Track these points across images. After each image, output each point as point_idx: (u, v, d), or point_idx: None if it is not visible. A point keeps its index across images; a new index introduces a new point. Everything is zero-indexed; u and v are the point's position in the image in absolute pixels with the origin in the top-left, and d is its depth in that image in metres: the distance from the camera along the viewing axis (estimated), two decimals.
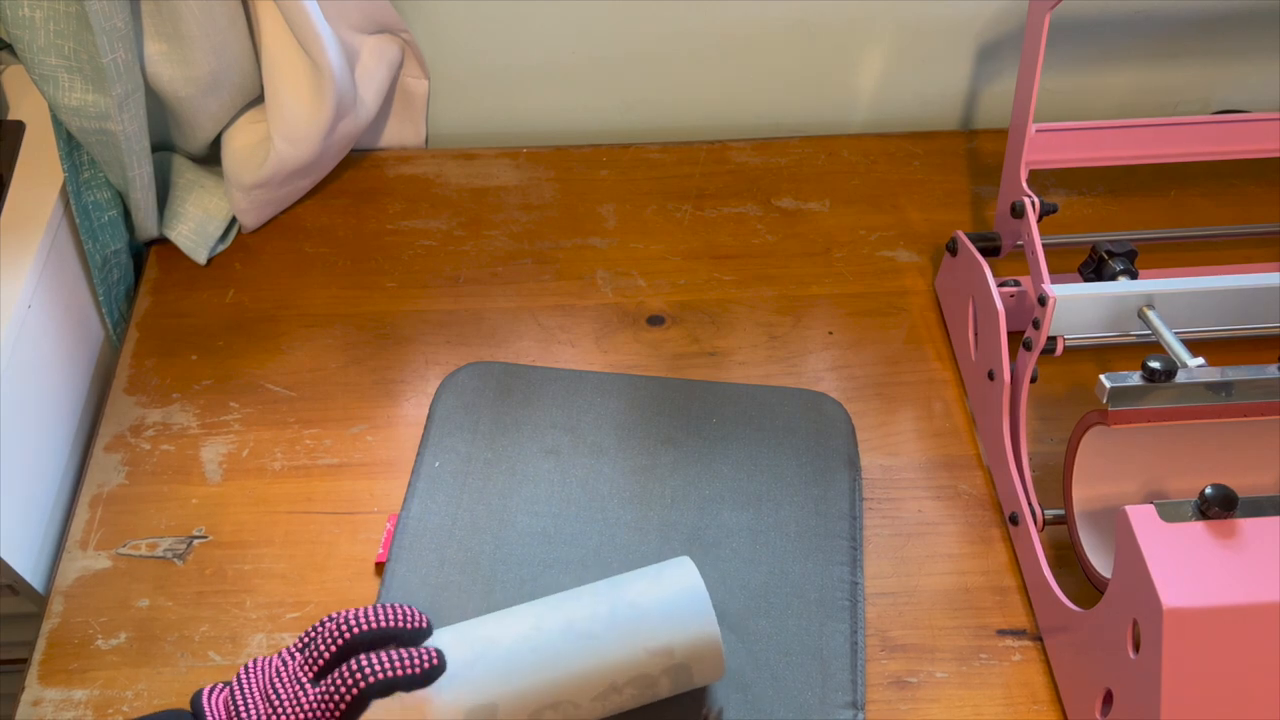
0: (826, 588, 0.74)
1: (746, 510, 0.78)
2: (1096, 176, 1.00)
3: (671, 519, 0.77)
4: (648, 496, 0.78)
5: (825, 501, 0.78)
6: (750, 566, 0.75)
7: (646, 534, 0.76)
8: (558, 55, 1.00)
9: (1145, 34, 1.01)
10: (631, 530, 0.76)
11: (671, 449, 0.81)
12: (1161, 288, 0.75)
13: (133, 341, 0.89)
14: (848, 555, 0.76)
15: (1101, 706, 0.65)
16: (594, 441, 0.81)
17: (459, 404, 0.83)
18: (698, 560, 0.74)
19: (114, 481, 0.81)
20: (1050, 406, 0.85)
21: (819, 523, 0.77)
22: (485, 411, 0.82)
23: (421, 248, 0.95)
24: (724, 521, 0.77)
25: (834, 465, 0.80)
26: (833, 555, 0.75)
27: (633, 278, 0.93)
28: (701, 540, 0.76)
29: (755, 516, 0.77)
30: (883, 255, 0.95)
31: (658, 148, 1.03)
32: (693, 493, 0.79)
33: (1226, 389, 0.68)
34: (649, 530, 0.76)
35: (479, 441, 0.81)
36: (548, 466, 0.80)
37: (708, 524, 0.77)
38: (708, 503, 0.78)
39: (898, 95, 1.05)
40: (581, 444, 0.81)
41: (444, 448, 0.80)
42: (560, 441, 0.81)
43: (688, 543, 0.76)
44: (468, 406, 0.83)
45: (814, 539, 0.76)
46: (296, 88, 0.87)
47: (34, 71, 0.78)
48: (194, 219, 0.93)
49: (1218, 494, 0.61)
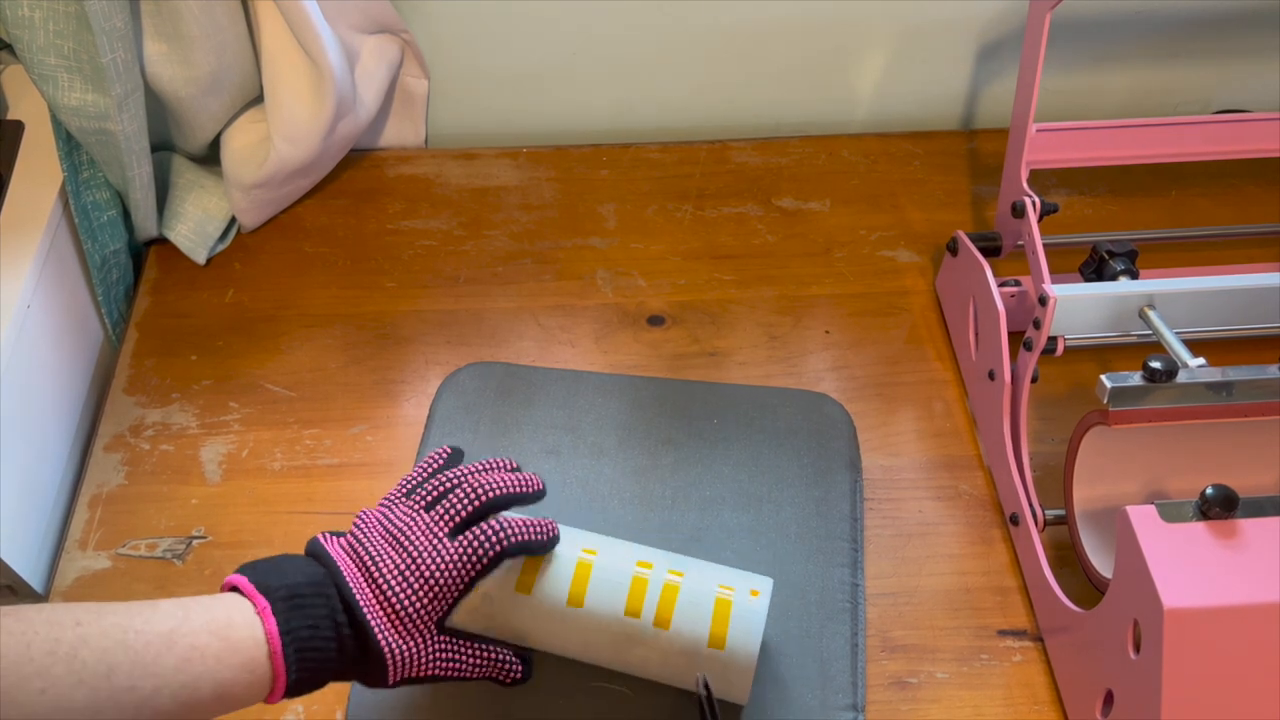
0: (827, 589, 0.74)
1: (747, 511, 0.77)
2: (1097, 176, 1.00)
3: (672, 520, 0.77)
4: (648, 497, 0.78)
5: (826, 503, 0.78)
6: (751, 568, 0.74)
7: (647, 535, 0.76)
8: (557, 55, 1.00)
9: (1145, 34, 1.01)
10: (632, 531, 0.76)
11: (672, 450, 0.81)
12: (1162, 288, 0.75)
13: (132, 341, 0.89)
14: (849, 557, 0.75)
15: (1102, 707, 0.65)
16: (594, 442, 0.81)
17: (460, 404, 0.83)
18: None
19: (113, 482, 0.81)
20: (1051, 406, 0.85)
21: (820, 524, 0.77)
22: (486, 411, 0.82)
23: (421, 248, 0.95)
24: (724, 522, 0.77)
25: (835, 467, 0.80)
26: (833, 557, 0.75)
27: (633, 278, 0.93)
28: (702, 541, 0.76)
29: (756, 518, 0.77)
30: (883, 255, 0.95)
31: (658, 148, 1.03)
32: (693, 494, 0.78)
33: (1227, 389, 0.68)
34: (649, 531, 0.76)
35: (479, 441, 0.81)
36: (548, 467, 0.80)
37: (708, 525, 0.77)
38: (708, 504, 0.78)
39: (898, 95, 1.05)
40: (582, 444, 0.81)
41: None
42: (561, 442, 0.81)
43: (688, 543, 0.76)
44: (468, 406, 0.82)
45: (815, 540, 0.76)
46: (296, 88, 0.87)
47: (33, 71, 0.78)
48: (193, 219, 0.93)
49: (1218, 494, 0.60)
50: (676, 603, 0.63)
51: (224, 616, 0.54)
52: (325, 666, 0.56)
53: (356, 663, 0.58)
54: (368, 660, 0.58)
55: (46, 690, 0.47)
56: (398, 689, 0.65)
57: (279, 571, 0.57)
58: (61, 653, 0.48)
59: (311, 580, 0.57)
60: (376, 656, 0.58)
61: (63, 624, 0.49)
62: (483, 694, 0.69)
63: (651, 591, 0.64)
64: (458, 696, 0.69)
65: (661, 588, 0.64)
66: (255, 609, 0.55)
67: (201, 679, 0.52)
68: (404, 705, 0.69)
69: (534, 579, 0.63)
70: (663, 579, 0.65)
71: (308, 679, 0.56)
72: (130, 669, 0.50)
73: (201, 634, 0.52)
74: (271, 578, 0.57)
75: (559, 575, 0.64)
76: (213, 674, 0.52)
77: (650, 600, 0.63)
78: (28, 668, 0.47)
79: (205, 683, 0.52)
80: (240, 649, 0.53)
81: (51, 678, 0.47)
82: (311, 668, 0.56)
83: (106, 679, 0.49)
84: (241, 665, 0.53)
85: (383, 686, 0.60)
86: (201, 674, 0.52)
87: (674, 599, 0.63)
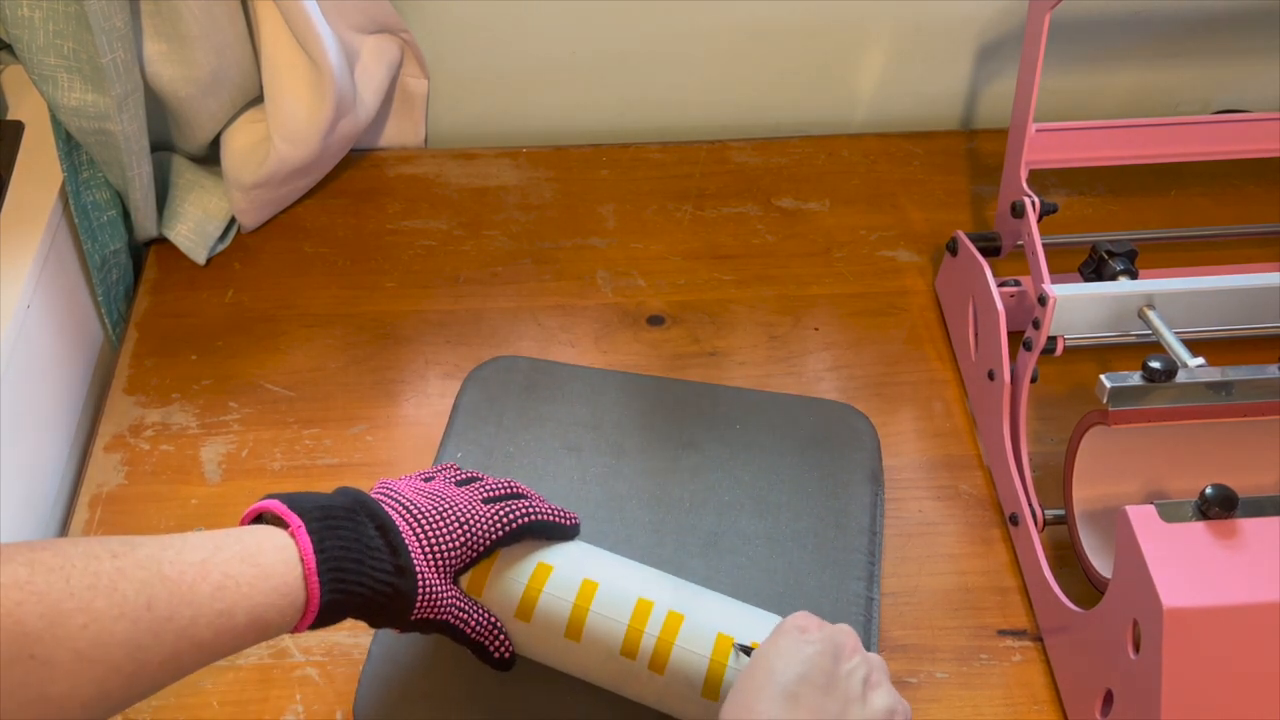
0: (841, 601, 0.72)
1: (765, 519, 0.76)
2: (1096, 176, 1.00)
3: (689, 523, 0.76)
4: (666, 499, 0.77)
5: (846, 515, 0.76)
6: (766, 576, 0.73)
7: (663, 537, 0.75)
8: (558, 55, 1.00)
9: (1145, 34, 1.01)
10: (649, 531, 0.76)
11: (693, 453, 0.80)
12: (1161, 288, 0.75)
13: (132, 341, 0.89)
14: (865, 570, 0.74)
15: (1102, 707, 0.65)
16: (616, 441, 0.80)
17: (484, 396, 0.82)
18: (713, 564, 0.74)
19: (113, 482, 0.81)
20: (1050, 406, 0.85)
21: (838, 535, 0.75)
22: (510, 405, 0.82)
23: (421, 248, 0.95)
24: (742, 528, 0.76)
25: (857, 479, 0.78)
26: (849, 569, 0.74)
27: (633, 278, 0.93)
28: (718, 546, 0.75)
29: (774, 525, 0.76)
30: (883, 255, 0.95)
31: (658, 148, 1.03)
32: (712, 498, 0.77)
33: (1227, 389, 0.68)
34: (666, 533, 0.76)
35: (502, 435, 0.80)
36: (569, 463, 0.79)
37: (725, 530, 0.76)
38: (726, 509, 0.77)
39: (898, 95, 1.05)
40: (603, 443, 0.80)
41: (467, 439, 0.80)
42: (582, 439, 0.81)
43: (704, 548, 0.75)
44: (492, 400, 0.82)
45: (832, 552, 0.75)
46: (296, 88, 0.87)
47: (33, 71, 0.78)
48: (193, 219, 0.93)
49: (1218, 494, 0.60)
50: (672, 652, 0.62)
51: (254, 544, 0.53)
52: (357, 590, 0.56)
53: (384, 592, 0.57)
54: (395, 591, 0.57)
55: (89, 625, 0.47)
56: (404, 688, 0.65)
57: (308, 497, 0.57)
58: (102, 585, 0.47)
59: (342, 504, 0.57)
60: (404, 587, 0.57)
61: (100, 556, 0.48)
62: (485, 693, 0.69)
63: (648, 638, 0.62)
64: (458, 698, 0.69)
65: (659, 631, 0.63)
66: (289, 529, 0.55)
67: (237, 606, 0.51)
68: (404, 706, 0.69)
69: (533, 609, 0.63)
70: (661, 622, 0.63)
71: (339, 603, 0.55)
72: (169, 599, 0.49)
73: (234, 562, 0.52)
74: (302, 501, 0.57)
75: (558, 608, 0.63)
76: (248, 600, 0.52)
77: (646, 646, 0.62)
78: (69, 603, 0.46)
79: (240, 610, 0.52)
80: (272, 574, 0.53)
81: (94, 612, 0.47)
82: (343, 589, 0.55)
83: (147, 609, 0.48)
84: (274, 589, 0.53)
85: (399, 625, 0.59)
86: (236, 601, 0.51)
87: (670, 646, 0.62)
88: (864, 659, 0.58)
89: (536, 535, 0.64)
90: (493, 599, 0.63)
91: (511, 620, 0.63)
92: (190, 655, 0.50)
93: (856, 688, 0.56)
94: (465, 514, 0.61)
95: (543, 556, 0.64)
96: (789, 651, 0.56)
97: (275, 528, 0.55)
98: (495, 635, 0.63)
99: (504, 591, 0.63)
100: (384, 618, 0.58)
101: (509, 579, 0.63)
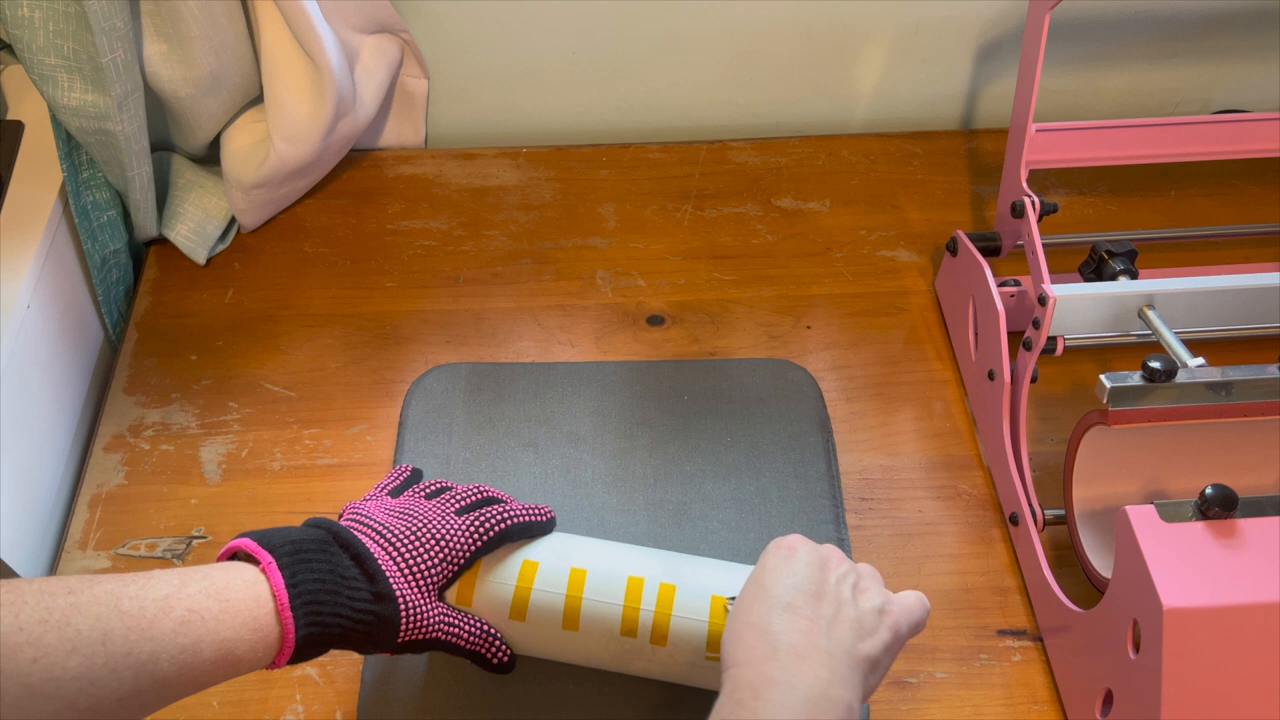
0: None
1: (728, 481, 0.79)
2: (1096, 176, 1.00)
3: (656, 497, 0.78)
4: (630, 478, 0.79)
5: (802, 464, 0.80)
6: (739, 535, 0.76)
7: (633, 514, 0.77)
8: (557, 55, 1.00)
9: (1145, 34, 1.01)
10: (618, 513, 0.77)
11: (648, 429, 0.82)
12: (1161, 288, 0.75)
13: (132, 341, 0.89)
14: (830, 513, 0.77)
15: (1101, 706, 0.65)
16: (570, 430, 0.81)
17: (430, 407, 0.83)
18: (687, 533, 0.76)
19: (113, 481, 0.81)
20: (1050, 406, 0.85)
21: (799, 485, 0.78)
22: (458, 412, 0.82)
23: (421, 248, 0.95)
24: (708, 494, 0.78)
25: (806, 429, 0.82)
26: (816, 514, 0.77)
27: (633, 278, 0.93)
28: (689, 514, 0.77)
29: (737, 486, 0.79)
30: (883, 255, 0.95)
31: (658, 148, 1.03)
32: (674, 470, 0.79)
33: (1227, 389, 0.68)
34: (635, 511, 0.77)
35: (455, 442, 0.81)
36: (528, 459, 0.80)
37: (692, 498, 0.78)
38: (690, 478, 0.79)
39: (898, 95, 1.05)
40: (558, 434, 0.81)
41: (420, 452, 0.80)
42: (537, 434, 0.81)
43: (675, 519, 0.77)
44: (439, 410, 0.83)
45: (796, 501, 0.78)
46: (296, 88, 0.87)
47: (33, 71, 0.78)
48: (193, 219, 0.93)
49: (1218, 494, 0.60)
50: (670, 623, 0.63)
51: (222, 580, 0.53)
52: (334, 621, 0.56)
53: (365, 620, 0.57)
54: (377, 619, 0.57)
55: (39, 659, 0.46)
56: (397, 705, 0.65)
57: (279, 532, 0.57)
58: (54, 620, 0.47)
59: (314, 538, 0.57)
60: (386, 613, 0.57)
61: (54, 593, 0.48)
62: (486, 693, 0.69)
63: (645, 614, 0.63)
64: (459, 698, 0.69)
65: (655, 605, 0.63)
66: (259, 566, 0.54)
67: (202, 641, 0.51)
68: (404, 706, 0.69)
69: (527, 607, 0.63)
70: (655, 596, 0.64)
71: (316, 636, 0.55)
72: (126, 634, 0.49)
73: (199, 597, 0.52)
74: (273, 536, 0.56)
75: (551, 602, 0.63)
76: (214, 635, 0.51)
77: (645, 622, 0.63)
78: (18, 637, 0.46)
79: (206, 645, 0.51)
80: (241, 610, 0.52)
81: (44, 646, 0.47)
82: (320, 623, 0.55)
83: (102, 645, 0.48)
84: (243, 624, 0.52)
85: (387, 650, 0.59)
86: (202, 636, 0.51)
87: (668, 618, 0.63)
88: (852, 567, 0.59)
89: (514, 538, 0.64)
90: (484, 605, 0.63)
91: (507, 623, 0.63)
92: (152, 691, 0.50)
93: (847, 592, 0.57)
94: (439, 530, 0.61)
95: (526, 554, 0.65)
96: (778, 568, 0.57)
97: (246, 564, 0.55)
98: (490, 642, 0.63)
99: (494, 596, 0.63)
100: (370, 645, 0.58)
101: (497, 583, 0.63)
